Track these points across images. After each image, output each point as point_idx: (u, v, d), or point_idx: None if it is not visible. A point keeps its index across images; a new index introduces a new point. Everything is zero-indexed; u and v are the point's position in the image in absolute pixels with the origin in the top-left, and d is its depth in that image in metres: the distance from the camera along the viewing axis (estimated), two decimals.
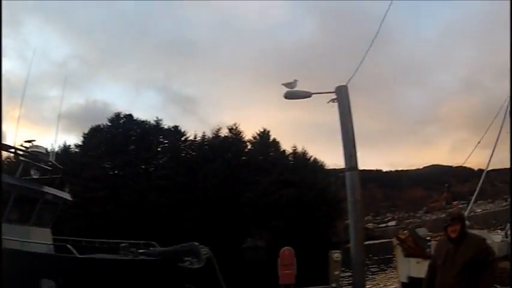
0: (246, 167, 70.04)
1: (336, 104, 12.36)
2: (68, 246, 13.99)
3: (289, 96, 12.62)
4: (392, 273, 25.16)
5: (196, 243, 10.47)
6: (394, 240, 10.46)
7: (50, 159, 17.63)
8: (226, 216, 66.49)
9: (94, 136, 78.74)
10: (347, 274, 17.85)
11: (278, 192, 66.53)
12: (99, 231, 57.21)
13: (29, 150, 16.34)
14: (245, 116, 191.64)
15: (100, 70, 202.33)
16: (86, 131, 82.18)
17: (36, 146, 16.53)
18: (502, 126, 14.96)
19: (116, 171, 77.77)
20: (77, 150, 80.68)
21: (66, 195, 18.08)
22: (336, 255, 13.08)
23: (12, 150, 16.47)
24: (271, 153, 73.93)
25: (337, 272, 12.94)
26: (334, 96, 12.35)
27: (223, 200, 67.13)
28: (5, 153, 17.72)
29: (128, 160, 76.21)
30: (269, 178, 67.71)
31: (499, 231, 13.06)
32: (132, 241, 16.03)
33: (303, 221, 65.57)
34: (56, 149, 70.49)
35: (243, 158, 73.65)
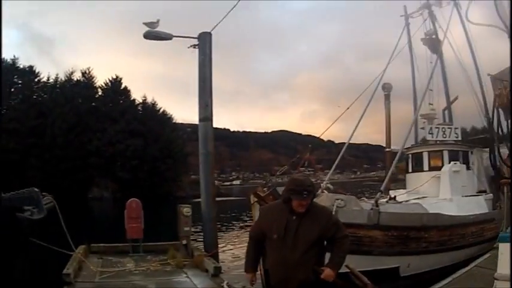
0: (95, 114, 69.43)
1: (196, 51, 12.08)
2: None
3: (149, 35, 12.28)
4: (243, 231, 25.22)
5: (37, 190, 9.25)
6: (252, 198, 10.34)
7: None
8: (72, 164, 66.35)
9: None
10: (196, 230, 18.11)
11: (125, 142, 66.59)
12: None
13: None
14: (100, 62, 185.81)
15: None
16: None
17: None
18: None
19: None
20: None
21: None
22: (186, 209, 12.80)
23: None
24: (121, 102, 73.70)
25: (187, 228, 12.72)
26: (196, 42, 12.05)
27: (70, 147, 66.78)
28: None
29: None
30: (117, 127, 67.62)
31: (365, 199, 14.00)
32: None
33: (149, 173, 66.03)
34: None
35: (93, 104, 72.57)
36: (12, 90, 74.12)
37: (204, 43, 11.78)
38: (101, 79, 77.77)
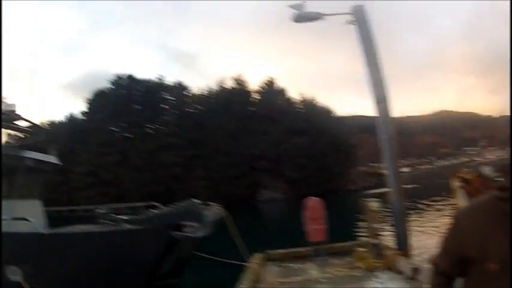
0: (255, 118, 70.98)
1: (344, 34, 11.50)
2: None
3: (298, 18, 11.76)
4: (433, 223, 22.83)
5: (197, 201, 8.64)
6: (455, 182, 8.99)
7: (27, 119, 16.77)
8: (238, 170, 68.86)
9: (98, 101, 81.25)
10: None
11: (289, 142, 67.68)
12: (112, 197, 61.87)
13: None
14: (248, 67, 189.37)
15: (95, 36, 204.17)
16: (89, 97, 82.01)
17: (8, 105, 15.50)
18: None
19: (123, 134, 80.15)
20: (83, 117, 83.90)
21: (52, 159, 17.07)
22: (373, 203, 11.55)
23: None
24: (279, 102, 74.25)
25: (376, 225, 11.59)
26: (349, 19, 11.52)
27: (234, 154, 69.46)
28: None
29: (134, 121, 77.95)
30: (279, 127, 68.93)
31: None
32: (130, 204, 16.48)
33: (317, 170, 67.00)
34: (63, 119, 75.32)
35: (251, 108, 74.38)
36: (165, 107, 79.91)
37: (361, 17, 10.77)
38: (253, 83, 79.98)
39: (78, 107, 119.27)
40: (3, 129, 15.94)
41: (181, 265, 9.93)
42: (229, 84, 77.31)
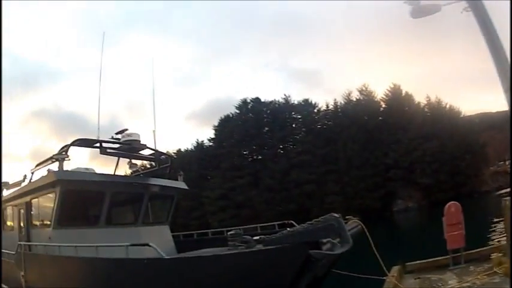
0: (384, 127, 75.35)
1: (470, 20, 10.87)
2: None
3: (416, 13, 11.62)
4: None
5: (337, 215, 7.98)
6: None
7: (152, 147, 17.22)
8: (371, 181, 70.27)
9: (225, 126, 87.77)
10: None
11: (420, 148, 69.92)
12: (244, 219, 62.90)
13: (120, 141, 15.56)
14: (370, 77, 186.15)
15: (214, 65, 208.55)
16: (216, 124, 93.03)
17: (129, 134, 15.41)
18: None
19: (253, 156, 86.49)
20: (211, 144, 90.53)
21: (180, 185, 17.45)
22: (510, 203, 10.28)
23: (97, 145, 15.82)
24: (406, 108, 77.39)
25: None
26: (465, 7, 10.92)
27: (366, 166, 71.83)
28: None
29: (264, 143, 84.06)
30: (409, 134, 71.59)
31: None
32: (265, 224, 16.46)
33: (449, 174, 67.36)
34: (190, 148, 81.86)
35: (380, 118, 78.90)
36: (293, 126, 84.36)
37: (476, 5, 10.22)
38: (378, 92, 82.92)
39: (204, 135, 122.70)
40: (131, 160, 16.67)
41: (317, 284, 9.54)
42: (355, 96, 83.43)
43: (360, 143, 74.04)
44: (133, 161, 16.78)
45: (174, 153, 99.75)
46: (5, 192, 20.77)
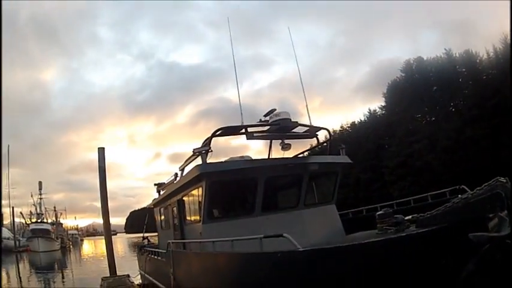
0: None
1: None
2: None
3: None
4: None
5: (503, 180, 6.22)
6: None
7: (305, 124, 16.60)
8: None
9: (394, 92, 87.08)
10: None
11: None
12: (424, 185, 63.56)
13: (269, 122, 15.56)
14: None
15: (365, 37, 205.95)
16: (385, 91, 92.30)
17: (276, 114, 15.31)
18: None
19: (427, 118, 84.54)
20: (383, 112, 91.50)
21: (342, 159, 16.99)
22: None
23: (243, 131, 15.61)
24: None
25: None
26: None
27: None
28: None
29: (435, 102, 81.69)
30: None
31: None
32: (435, 192, 15.48)
33: None
34: (363, 119, 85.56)
35: None
36: (460, 80, 79.52)
37: None
38: None
39: (374, 105, 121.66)
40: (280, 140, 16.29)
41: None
42: None
43: None
44: (288, 141, 16.38)
45: (348, 127, 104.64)
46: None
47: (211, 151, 14.12)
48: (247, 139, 15.31)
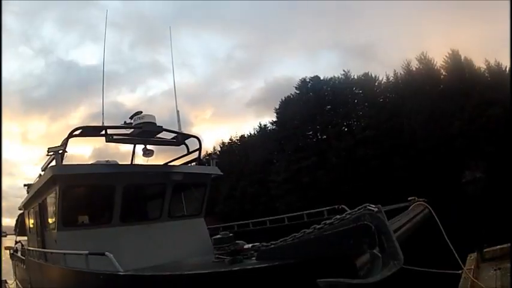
0: (446, 96, 73.72)
1: None
2: None
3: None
4: None
5: (374, 208, 4.77)
6: None
7: (173, 130, 15.48)
8: (437, 153, 69.90)
9: (286, 108, 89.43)
10: None
11: (484, 115, 68.89)
12: (311, 201, 65.01)
13: (132, 125, 14.24)
14: (425, 45, 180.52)
15: (264, 53, 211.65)
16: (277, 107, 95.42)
17: (141, 117, 14.07)
18: None
19: (318, 136, 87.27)
20: (273, 127, 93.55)
21: (211, 170, 15.87)
22: None
23: (103, 132, 14.22)
24: (467, 74, 76.51)
25: None
26: None
27: (431, 137, 71.21)
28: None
29: (327, 121, 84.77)
30: (471, 101, 70.63)
31: None
32: (313, 210, 14.74)
33: None
34: (253, 133, 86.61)
35: (441, 86, 78.24)
36: (356, 101, 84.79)
37: None
38: (438, 60, 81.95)
39: (266, 120, 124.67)
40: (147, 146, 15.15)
41: None
42: (414, 65, 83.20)
43: (424, 114, 73.65)
44: (151, 147, 15.34)
45: (237, 139, 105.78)
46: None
47: (66, 152, 12.95)
48: (106, 141, 14.18)
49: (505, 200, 26.67)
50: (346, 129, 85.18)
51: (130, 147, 17.34)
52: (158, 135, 14.94)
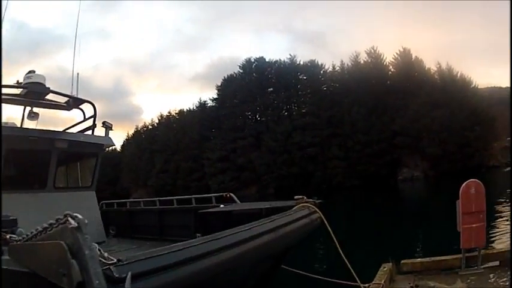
0: (392, 92, 75.39)
1: None
2: None
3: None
4: None
5: (72, 222, 3.37)
6: None
7: (63, 93, 14.22)
8: (377, 147, 71.35)
9: (228, 86, 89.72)
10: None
11: (429, 115, 70.27)
12: (244, 182, 65.10)
13: (21, 85, 13.08)
14: (378, 40, 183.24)
15: (214, 30, 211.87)
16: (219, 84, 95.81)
17: (29, 77, 12.93)
18: None
19: (256, 117, 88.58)
20: (213, 104, 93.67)
21: (103, 140, 14.65)
22: None
23: None
24: (416, 74, 77.72)
25: None
26: None
27: (372, 131, 72.86)
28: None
29: (267, 103, 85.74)
30: (418, 100, 72.10)
31: None
32: (200, 195, 13.90)
33: (458, 145, 67.96)
34: (193, 108, 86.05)
35: (388, 82, 79.25)
36: (299, 86, 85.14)
37: None
38: (386, 55, 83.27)
39: (207, 96, 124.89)
40: (31, 107, 13.85)
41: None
42: (363, 58, 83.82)
43: (366, 107, 74.46)
44: (38, 110, 14.30)
45: (175, 113, 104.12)
46: None
47: None
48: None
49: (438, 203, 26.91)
50: (286, 113, 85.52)
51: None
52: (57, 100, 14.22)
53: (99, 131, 14.19)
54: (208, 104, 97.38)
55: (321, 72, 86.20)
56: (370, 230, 19.15)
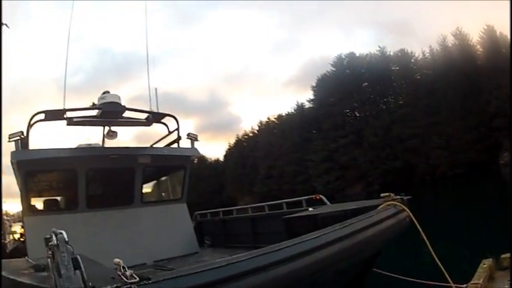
0: (484, 73, 71.84)
1: None
2: None
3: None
4: None
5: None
6: None
7: (141, 109, 14.35)
8: (476, 132, 69.51)
9: (323, 86, 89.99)
10: None
11: None
12: (349, 180, 65.32)
13: (96, 106, 13.25)
14: (462, 20, 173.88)
15: (302, 30, 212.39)
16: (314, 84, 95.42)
17: (103, 97, 13.06)
18: None
19: (355, 114, 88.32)
20: (311, 105, 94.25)
21: (190, 152, 14.73)
22: None
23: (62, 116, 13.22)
24: (504, 50, 71.58)
25: None
26: None
27: (469, 115, 70.73)
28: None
29: (364, 98, 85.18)
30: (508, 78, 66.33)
31: None
32: (291, 199, 14.03)
33: None
34: (291, 111, 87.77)
35: (477, 62, 76.17)
36: (392, 78, 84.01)
37: None
38: (474, 35, 79.92)
39: (303, 98, 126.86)
40: (110, 127, 14.08)
41: None
42: (450, 41, 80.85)
43: (460, 91, 72.11)
44: (116, 128, 14.28)
45: (274, 118, 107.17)
46: None
47: (23, 137, 11.81)
48: (67, 125, 13.37)
49: None
50: (384, 106, 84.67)
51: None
52: (137, 117, 14.29)
53: (185, 143, 14.43)
54: (306, 106, 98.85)
55: (412, 60, 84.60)
56: (472, 222, 18.68)
